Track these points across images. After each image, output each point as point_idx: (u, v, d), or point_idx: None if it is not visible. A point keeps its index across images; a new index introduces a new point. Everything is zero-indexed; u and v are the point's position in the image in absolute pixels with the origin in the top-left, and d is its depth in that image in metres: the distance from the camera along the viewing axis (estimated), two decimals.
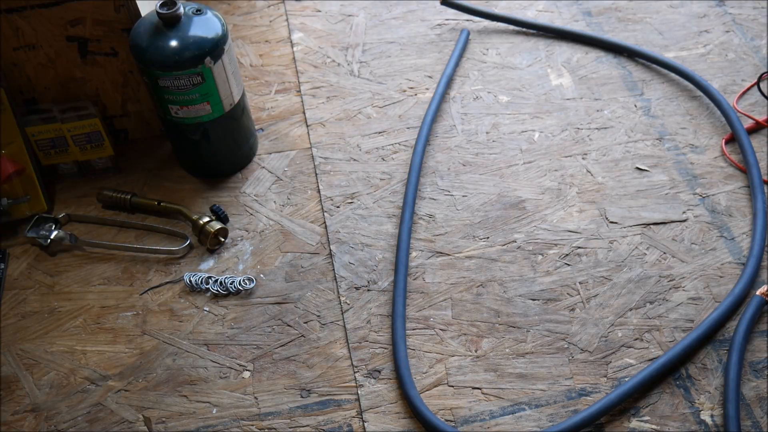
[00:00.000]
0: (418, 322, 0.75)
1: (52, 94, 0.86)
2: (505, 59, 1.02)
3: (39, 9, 0.78)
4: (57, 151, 0.86)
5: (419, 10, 1.09)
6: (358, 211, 0.85)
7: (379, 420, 0.68)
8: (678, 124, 0.93)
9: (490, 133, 0.93)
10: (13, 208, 0.83)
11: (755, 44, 1.02)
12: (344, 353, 0.73)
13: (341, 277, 0.79)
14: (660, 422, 0.67)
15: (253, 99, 0.97)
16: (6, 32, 0.79)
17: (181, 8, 0.76)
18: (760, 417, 0.67)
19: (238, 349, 0.74)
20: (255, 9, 1.09)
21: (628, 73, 0.99)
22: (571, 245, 0.81)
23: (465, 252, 0.81)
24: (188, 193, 0.87)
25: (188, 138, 0.84)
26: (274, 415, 0.69)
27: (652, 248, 0.80)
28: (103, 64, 0.84)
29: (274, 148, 0.92)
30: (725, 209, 0.83)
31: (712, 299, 0.76)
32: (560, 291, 0.77)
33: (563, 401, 0.69)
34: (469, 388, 0.70)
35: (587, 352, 0.72)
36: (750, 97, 0.95)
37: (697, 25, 1.05)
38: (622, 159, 0.89)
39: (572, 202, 0.85)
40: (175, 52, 0.74)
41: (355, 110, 0.96)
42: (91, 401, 0.71)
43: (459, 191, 0.86)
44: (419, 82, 0.99)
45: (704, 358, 0.72)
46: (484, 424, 0.68)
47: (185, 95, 0.77)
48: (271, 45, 1.04)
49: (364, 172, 0.89)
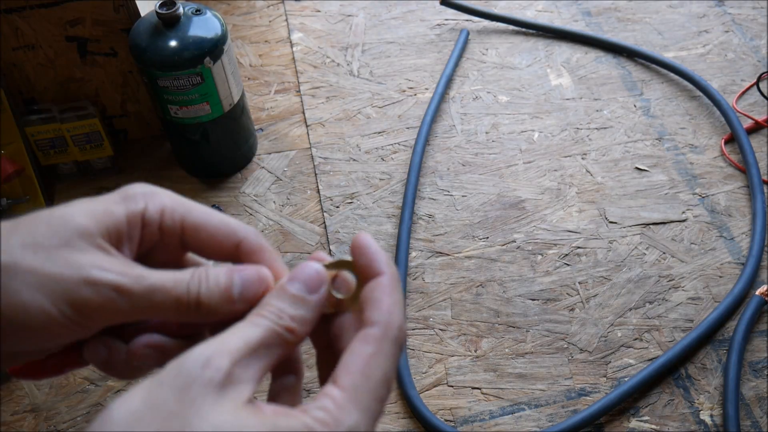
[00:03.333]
0: (417, 322, 0.75)
1: (52, 94, 0.86)
2: (505, 59, 1.02)
3: (38, 9, 0.78)
4: (56, 151, 0.86)
5: (419, 10, 1.09)
6: (358, 211, 0.85)
7: None
8: (677, 124, 0.93)
9: (489, 133, 0.93)
10: (12, 208, 0.83)
11: (755, 44, 1.02)
12: None
13: None
14: (659, 422, 0.67)
15: (252, 99, 0.97)
16: (5, 32, 0.79)
17: (181, 8, 0.76)
18: (759, 417, 0.67)
19: None
20: (254, 9, 1.09)
21: (627, 73, 0.99)
22: (570, 245, 0.81)
23: (464, 252, 0.81)
24: (188, 193, 0.87)
25: (188, 138, 0.84)
26: None
27: (651, 248, 0.80)
28: (103, 64, 0.84)
29: (273, 148, 0.92)
30: (725, 209, 0.83)
31: (712, 299, 0.76)
32: (560, 291, 0.77)
33: (563, 401, 0.69)
34: (469, 388, 0.70)
35: (587, 352, 0.72)
36: (749, 97, 0.95)
37: (696, 25, 1.05)
38: (621, 159, 0.89)
39: (572, 202, 0.85)
40: (175, 52, 0.74)
41: (355, 110, 0.96)
42: (90, 401, 0.71)
43: (458, 191, 0.86)
44: (419, 82, 0.99)
45: (704, 358, 0.72)
46: (483, 424, 0.68)
47: (184, 95, 0.77)
48: (271, 45, 1.04)
49: (364, 172, 0.89)
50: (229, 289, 0.32)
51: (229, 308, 0.32)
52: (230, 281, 0.32)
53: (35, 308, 0.30)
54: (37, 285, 0.30)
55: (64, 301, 0.30)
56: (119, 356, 0.34)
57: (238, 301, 0.32)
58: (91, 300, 0.30)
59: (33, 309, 0.30)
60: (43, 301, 0.30)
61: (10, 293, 0.30)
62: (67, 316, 0.30)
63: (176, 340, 0.34)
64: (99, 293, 0.30)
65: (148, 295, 0.31)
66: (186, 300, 0.32)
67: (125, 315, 0.31)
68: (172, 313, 0.32)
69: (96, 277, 0.31)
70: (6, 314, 0.30)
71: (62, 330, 0.31)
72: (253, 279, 0.33)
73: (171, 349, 0.34)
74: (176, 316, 0.32)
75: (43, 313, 0.30)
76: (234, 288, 0.32)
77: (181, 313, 0.32)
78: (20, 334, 0.31)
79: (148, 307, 0.31)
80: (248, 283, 0.33)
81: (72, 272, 0.30)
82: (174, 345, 0.34)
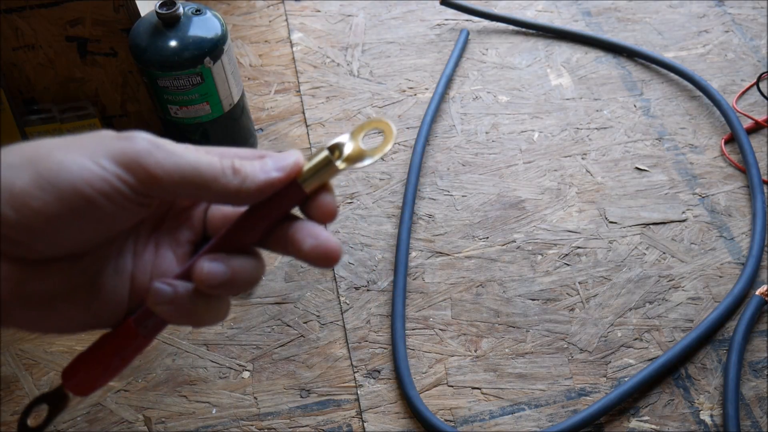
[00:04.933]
0: (417, 322, 0.75)
1: (52, 94, 0.86)
2: (505, 59, 1.02)
3: (38, 9, 0.78)
4: None
5: (419, 10, 1.09)
6: (358, 211, 0.85)
7: (379, 420, 0.68)
8: (677, 124, 0.93)
9: (489, 133, 0.93)
10: None
11: (755, 44, 1.02)
12: (344, 353, 0.73)
13: (341, 277, 0.79)
14: (659, 422, 0.67)
15: (252, 99, 0.97)
16: (5, 32, 0.79)
17: (181, 8, 0.76)
18: (759, 417, 0.67)
19: (238, 349, 0.74)
20: (254, 9, 1.09)
21: (627, 73, 0.99)
22: (570, 245, 0.81)
23: (464, 252, 0.81)
24: None
25: (188, 138, 0.84)
26: (274, 415, 0.69)
27: (651, 248, 0.80)
28: (103, 64, 0.84)
29: (273, 148, 0.92)
30: (725, 209, 0.83)
31: (712, 299, 0.76)
32: (560, 291, 0.77)
33: (563, 401, 0.69)
34: (469, 388, 0.70)
35: (587, 352, 0.72)
36: (749, 97, 0.95)
37: (696, 25, 1.05)
38: (621, 159, 0.89)
39: (572, 202, 0.85)
40: (175, 52, 0.74)
41: (355, 110, 0.96)
42: (90, 401, 0.71)
43: (458, 191, 0.86)
44: (419, 82, 0.99)
45: (704, 358, 0.72)
46: (483, 424, 0.68)
47: (184, 95, 0.77)
48: (271, 45, 1.04)
49: (364, 172, 0.89)
50: (262, 156, 0.33)
51: (265, 176, 0.33)
52: (263, 157, 0.34)
53: (75, 167, 0.29)
54: (72, 147, 0.30)
55: (102, 154, 0.30)
56: (184, 290, 0.33)
57: (272, 169, 0.33)
58: (128, 149, 0.30)
59: (73, 168, 0.29)
60: (81, 159, 0.29)
61: (44, 158, 0.29)
62: (108, 170, 0.30)
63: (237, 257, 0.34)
64: (135, 144, 0.30)
65: (183, 150, 0.31)
66: (220, 166, 0.32)
67: (164, 170, 0.30)
68: (210, 180, 0.32)
69: (131, 134, 0.31)
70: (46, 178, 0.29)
71: (109, 189, 0.30)
72: (282, 153, 0.34)
73: (237, 272, 0.34)
74: (214, 184, 0.32)
75: (84, 169, 0.29)
76: (266, 155, 0.34)
77: (218, 180, 0.32)
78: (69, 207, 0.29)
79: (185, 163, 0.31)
80: (277, 154, 0.34)
81: (107, 137, 0.31)
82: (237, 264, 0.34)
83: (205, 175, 0.31)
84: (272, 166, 0.33)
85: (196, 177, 0.31)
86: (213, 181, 0.31)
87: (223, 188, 0.32)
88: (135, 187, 0.30)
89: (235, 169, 0.32)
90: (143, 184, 0.30)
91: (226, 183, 0.32)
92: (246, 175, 0.32)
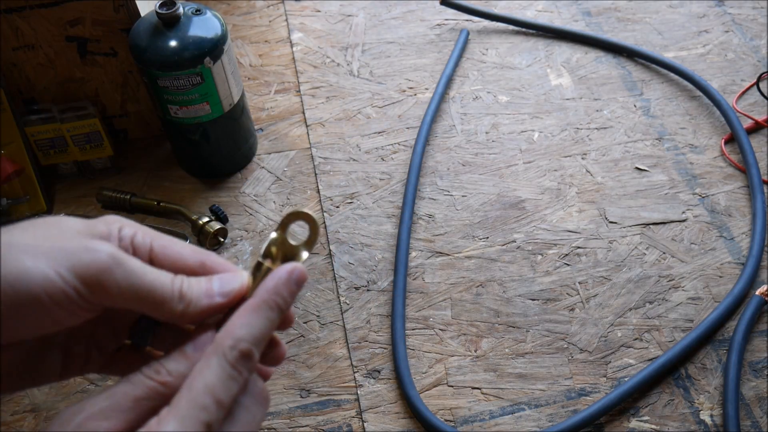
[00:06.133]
0: (417, 322, 0.75)
1: (52, 94, 0.86)
2: (505, 59, 1.02)
3: (38, 9, 0.78)
4: (56, 151, 0.86)
5: (419, 10, 1.09)
6: (358, 211, 0.85)
7: (379, 420, 0.68)
8: (677, 124, 0.93)
9: (489, 133, 0.93)
10: (12, 208, 0.83)
11: (755, 44, 1.02)
12: (344, 353, 0.73)
13: (341, 277, 0.79)
14: (659, 422, 0.67)
15: (252, 99, 0.97)
16: (5, 32, 0.79)
17: (181, 8, 0.76)
18: (759, 417, 0.67)
19: None
20: (254, 9, 1.09)
21: (627, 73, 0.99)
22: (570, 245, 0.81)
23: (464, 252, 0.81)
24: (187, 193, 0.87)
25: (188, 138, 0.84)
26: (274, 415, 0.69)
27: (651, 248, 0.80)
28: (103, 64, 0.84)
29: (273, 148, 0.92)
30: (725, 209, 0.83)
31: (712, 299, 0.76)
32: (560, 291, 0.77)
33: (563, 401, 0.69)
34: (469, 388, 0.70)
35: (587, 352, 0.72)
36: (749, 97, 0.95)
37: (696, 25, 1.05)
38: (621, 159, 0.89)
39: (572, 202, 0.85)
40: (175, 52, 0.74)
41: (355, 110, 0.96)
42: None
43: (458, 191, 0.86)
44: (419, 82, 0.99)
45: (704, 358, 0.72)
46: (483, 424, 0.68)
47: (184, 95, 0.77)
48: (271, 45, 1.04)
49: (364, 172, 0.89)
50: (209, 282, 0.36)
51: (208, 302, 0.35)
52: (210, 279, 0.36)
53: (37, 274, 0.31)
54: (38, 252, 0.32)
55: (64, 266, 0.32)
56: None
57: (216, 294, 0.35)
58: (90, 265, 0.32)
59: (35, 275, 0.31)
60: (44, 267, 0.31)
61: (10, 260, 0.31)
62: (68, 282, 0.31)
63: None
64: (98, 259, 0.32)
65: (141, 270, 0.33)
66: (170, 289, 0.34)
67: (120, 290, 0.33)
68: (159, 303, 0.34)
69: (96, 245, 0.33)
70: (7, 280, 0.31)
71: (64, 300, 0.32)
72: (230, 277, 0.36)
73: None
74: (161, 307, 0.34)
75: (45, 279, 0.31)
76: (213, 282, 0.36)
77: (166, 304, 0.34)
78: (22, 309, 0.31)
79: (140, 285, 0.33)
80: (226, 275, 0.36)
81: (72, 243, 0.33)
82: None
83: (156, 298, 0.34)
84: (217, 291, 0.35)
85: (147, 299, 0.34)
86: (161, 304, 0.34)
87: (169, 311, 0.34)
88: (89, 300, 0.33)
89: (181, 293, 0.35)
90: (98, 298, 0.33)
91: (171, 308, 0.34)
92: (190, 301, 0.35)
